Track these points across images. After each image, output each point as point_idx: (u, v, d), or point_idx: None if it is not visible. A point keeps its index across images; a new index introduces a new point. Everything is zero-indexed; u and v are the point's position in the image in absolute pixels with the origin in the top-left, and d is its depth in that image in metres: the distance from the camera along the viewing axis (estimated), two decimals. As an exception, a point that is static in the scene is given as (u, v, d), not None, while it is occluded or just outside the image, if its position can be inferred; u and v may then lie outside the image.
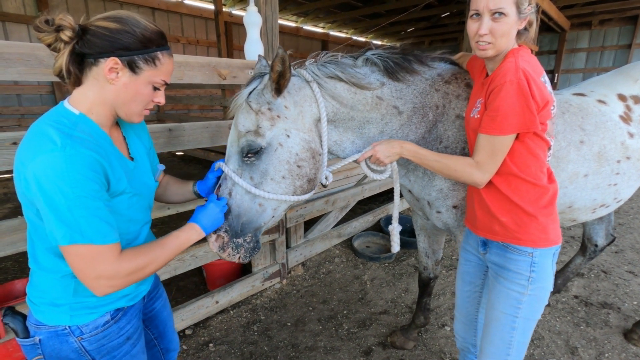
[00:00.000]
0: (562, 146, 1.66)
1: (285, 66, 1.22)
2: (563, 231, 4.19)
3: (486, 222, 1.30)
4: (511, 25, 1.15)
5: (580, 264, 2.72)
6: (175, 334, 1.52)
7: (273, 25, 2.55)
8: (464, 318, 1.59)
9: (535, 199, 1.22)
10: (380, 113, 1.46)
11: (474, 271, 1.49)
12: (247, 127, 1.30)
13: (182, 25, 8.79)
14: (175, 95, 8.35)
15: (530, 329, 1.30)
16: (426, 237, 2.16)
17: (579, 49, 10.63)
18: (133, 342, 1.16)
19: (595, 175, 1.74)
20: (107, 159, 0.98)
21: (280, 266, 3.07)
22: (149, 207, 1.23)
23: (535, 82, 1.12)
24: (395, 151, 1.33)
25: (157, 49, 1.02)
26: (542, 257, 1.24)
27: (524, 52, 1.20)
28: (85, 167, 0.90)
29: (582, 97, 1.89)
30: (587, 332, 2.51)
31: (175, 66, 1.94)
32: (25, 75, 1.50)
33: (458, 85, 1.52)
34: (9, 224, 1.60)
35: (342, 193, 3.59)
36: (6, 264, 3.35)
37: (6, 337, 1.66)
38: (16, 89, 6.57)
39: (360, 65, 1.44)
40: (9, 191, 5.51)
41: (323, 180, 1.46)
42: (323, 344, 2.40)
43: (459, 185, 1.55)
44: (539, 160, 1.22)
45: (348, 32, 12.44)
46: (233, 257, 1.31)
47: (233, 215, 1.31)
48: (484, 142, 1.19)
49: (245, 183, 1.29)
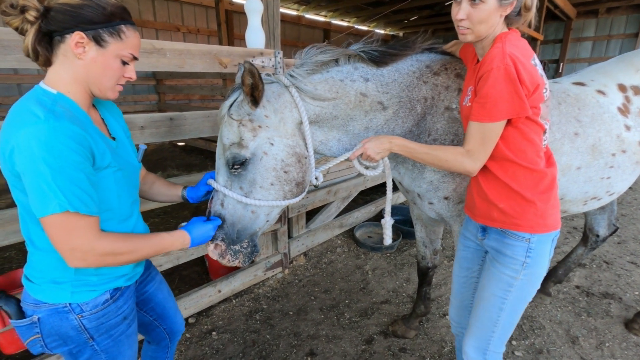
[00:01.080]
0: (556, 138, 1.64)
1: (255, 78, 1.22)
2: (565, 221, 4.19)
3: (485, 209, 1.30)
4: (490, 11, 1.14)
5: (581, 255, 2.72)
6: (179, 316, 1.56)
7: (274, 12, 2.51)
8: (459, 303, 1.60)
9: (534, 184, 1.22)
10: (363, 110, 1.45)
11: (471, 257, 1.50)
12: (230, 139, 1.32)
13: (182, 14, 8.67)
14: (176, 85, 8.28)
15: (518, 311, 1.33)
16: (423, 227, 2.16)
17: (585, 37, 10.45)
18: (129, 323, 1.21)
19: (588, 168, 1.72)
20: (90, 134, 1.01)
21: (283, 256, 3.08)
22: (135, 186, 1.25)
23: (524, 66, 1.11)
24: (385, 147, 1.33)
25: (121, 22, 1.03)
26: (539, 243, 1.24)
27: (512, 36, 1.18)
28: (68, 139, 0.92)
29: (581, 86, 1.85)
30: (588, 321, 2.52)
31: (175, 54, 1.93)
32: (24, 62, 1.48)
33: (447, 77, 1.50)
34: (12, 212, 1.60)
35: (344, 183, 3.58)
36: (10, 253, 3.38)
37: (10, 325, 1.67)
38: (16, 78, 6.52)
39: (343, 64, 1.43)
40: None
41: (313, 180, 1.47)
42: (325, 333, 2.42)
43: (449, 176, 1.54)
44: (535, 144, 1.21)
45: (350, 21, 12.26)
46: (233, 262, 1.38)
47: (228, 224, 1.35)
48: (475, 129, 1.19)
49: (236, 194, 1.32)
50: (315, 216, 3.61)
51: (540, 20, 7.12)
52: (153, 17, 8.17)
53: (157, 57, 1.86)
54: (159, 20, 8.25)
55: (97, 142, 1.03)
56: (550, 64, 10.87)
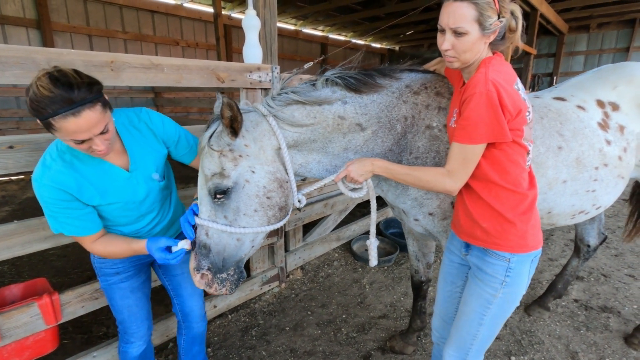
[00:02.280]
0: (540, 152, 1.66)
1: (234, 111, 1.25)
2: (562, 234, 4.18)
3: (469, 227, 1.33)
4: (473, 42, 1.18)
5: (576, 266, 2.72)
6: (194, 302, 1.78)
7: (272, 28, 2.55)
8: (442, 315, 1.63)
9: (514, 206, 1.25)
10: (341, 132, 1.47)
11: (456, 272, 1.52)
12: (212, 170, 1.33)
13: (182, 28, 8.79)
14: (174, 97, 8.34)
15: (497, 326, 1.38)
16: (414, 241, 2.16)
17: (577, 52, 10.67)
18: (121, 278, 1.58)
19: (574, 182, 1.75)
20: (84, 178, 1.32)
21: (279, 270, 3.05)
22: (137, 210, 1.50)
23: (507, 91, 1.15)
24: (367, 169, 1.36)
25: (48, 116, 1.07)
26: (518, 263, 1.27)
27: (496, 62, 1.23)
28: (49, 182, 1.25)
29: (562, 101, 1.89)
30: (587, 336, 2.50)
31: (173, 69, 1.95)
32: (22, 78, 1.50)
33: (428, 95, 1.52)
34: (5, 228, 1.58)
35: (341, 196, 3.58)
36: (3, 268, 3.33)
37: (0, 343, 1.64)
38: (15, 91, 6.55)
39: (321, 88, 1.47)
40: (6, 194, 5.49)
41: (296, 203, 1.49)
42: (322, 349, 2.38)
43: (433, 193, 1.56)
44: (519, 166, 1.25)
45: (347, 35, 12.48)
46: (220, 291, 1.40)
47: (213, 253, 1.37)
48: (456, 150, 1.23)
49: (220, 225, 1.34)
50: (312, 229, 3.60)
51: (534, 35, 7.27)
52: (152, 31, 8.28)
53: (155, 73, 1.88)
54: (158, 35, 8.36)
55: (83, 185, 1.31)
56: (544, 77, 11.05)
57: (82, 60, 1.62)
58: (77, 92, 1.09)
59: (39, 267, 3.40)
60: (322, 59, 4.87)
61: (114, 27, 7.68)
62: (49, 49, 1.56)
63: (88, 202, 1.33)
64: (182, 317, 1.81)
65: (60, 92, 1.06)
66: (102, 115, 1.17)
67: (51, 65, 1.53)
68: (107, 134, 1.22)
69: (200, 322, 1.84)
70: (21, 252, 1.64)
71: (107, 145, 1.24)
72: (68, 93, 1.07)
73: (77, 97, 1.09)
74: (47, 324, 1.76)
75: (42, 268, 3.38)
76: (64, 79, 1.08)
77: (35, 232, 1.66)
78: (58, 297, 1.78)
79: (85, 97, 1.11)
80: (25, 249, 1.65)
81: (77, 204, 1.31)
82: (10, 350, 1.70)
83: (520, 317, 2.68)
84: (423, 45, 13.54)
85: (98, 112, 1.15)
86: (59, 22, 6.86)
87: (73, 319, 1.88)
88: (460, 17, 1.15)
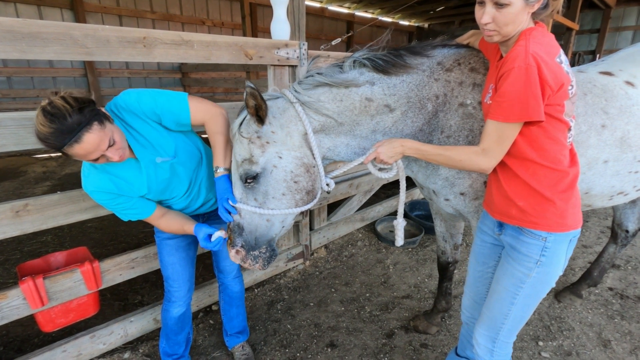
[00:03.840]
0: (582, 130, 1.56)
1: (257, 99, 1.28)
2: (598, 220, 4.00)
3: (503, 206, 1.29)
4: (517, 13, 1.10)
5: (613, 253, 2.59)
6: (227, 265, 1.95)
7: (300, 3, 2.49)
8: (473, 295, 1.61)
9: (554, 183, 1.19)
10: (369, 114, 1.44)
11: (488, 252, 1.49)
12: (242, 156, 1.40)
13: (208, 8, 8.77)
14: (200, 78, 8.43)
15: (530, 306, 1.34)
16: (442, 222, 2.12)
17: (625, 27, 9.84)
18: (169, 236, 1.74)
19: (616, 162, 1.65)
20: (118, 177, 1.46)
21: (304, 248, 3.10)
22: (166, 182, 1.58)
23: (548, 65, 1.07)
24: (397, 151, 1.33)
25: (59, 147, 1.19)
26: (555, 242, 1.22)
27: (538, 33, 1.14)
28: (93, 185, 1.44)
29: (608, 76, 1.76)
30: (621, 325, 2.41)
31: (203, 46, 1.96)
32: (61, 54, 1.54)
33: (461, 72, 1.45)
34: (50, 198, 1.68)
35: (366, 177, 3.55)
36: (46, 238, 3.57)
37: (48, 305, 1.77)
38: (52, 71, 6.82)
39: (348, 70, 1.44)
40: (47, 170, 5.81)
41: (324, 187, 1.51)
42: (345, 325, 2.43)
43: (465, 172, 1.51)
44: (559, 143, 1.18)
45: (374, 12, 12.04)
46: (253, 266, 1.50)
47: (246, 232, 1.46)
48: (491, 128, 1.17)
49: (251, 207, 1.42)
50: (336, 209, 3.61)
51: (577, 8, 6.75)
52: (179, 11, 8.32)
53: (185, 49, 1.89)
54: (185, 14, 8.40)
55: (120, 184, 1.46)
56: (585, 56, 10.33)
57: (116, 36, 1.65)
58: (71, 119, 1.17)
59: (78, 238, 3.62)
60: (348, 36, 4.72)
61: (143, 7, 7.77)
62: (85, 24, 1.60)
63: (132, 194, 1.49)
64: (217, 274, 2.00)
65: (57, 125, 1.16)
66: (101, 133, 1.24)
67: (87, 41, 1.57)
68: (115, 145, 1.30)
69: (233, 280, 1.99)
70: (64, 221, 1.75)
71: (120, 153, 1.33)
72: (64, 124, 1.17)
73: (72, 124, 1.18)
74: (89, 289, 1.88)
75: (81, 239, 3.59)
76: (57, 112, 1.16)
77: (76, 203, 1.75)
78: (98, 264, 1.89)
79: (80, 121, 1.19)
80: (67, 218, 1.75)
81: (122, 198, 1.48)
82: (57, 311, 1.83)
83: (550, 303, 2.61)
84: (454, 22, 12.89)
85: (96, 131, 1.22)
86: (90, 2, 7.01)
87: (110, 287, 2.00)
88: None
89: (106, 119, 1.30)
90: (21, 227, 1.64)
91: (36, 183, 5.12)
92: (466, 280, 1.64)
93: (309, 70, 1.47)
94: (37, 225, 1.67)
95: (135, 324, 2.19)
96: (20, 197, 1.73)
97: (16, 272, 2.01)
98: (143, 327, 2.23)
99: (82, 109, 1.21)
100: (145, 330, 2.25)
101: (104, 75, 7.48)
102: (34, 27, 1.46)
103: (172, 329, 1.85)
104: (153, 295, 2.73)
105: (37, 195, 2.93)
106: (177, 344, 1.90)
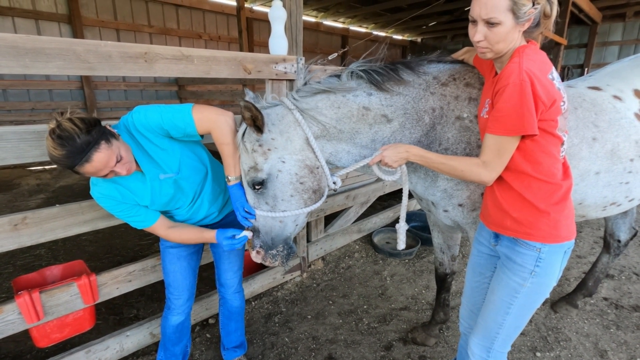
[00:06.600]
0: (574, 143, 1.62)
1: (252, 111, 1.33)
2: (592, 231, 4.05)
3: (498, 218, 1.32)
4: (507, 32, 1.15)
5: (607, 263, 2.63)
6: (229, 276, 1.94)
7: (297, 19, 2.56)
8: (470, 305, 1.63)
9: (547, 196, 1.23)
10: (367, 123, 1.49)
11: (485, 263, 1.51)
12: (248, 164, 1.47)
13: (205, 22, 8.90)
14: (197, 90, 8.49)
15: (525, 316, 1.36)
16: (440, 233, 2.15)
17: (612, 42, 10.14)
18: (172, 244, 1.76)
19: (608, 173, 1.70)
20: (125, 188, 1.52)
21: (301, 260, 3.10)
22: (169, 196, 1.62)
23: (541, 82, 1.12)
24: (402, 156, 1.36)
25: (70, 166, 1.26)
26: (550, 253, 1.25)
27: (530, 50, 1.19)
28: (99, 193, 1.50)
29: (597, 91, 1.82)
30: (617, 335, 2.43)
31: (203, 61, 2.00)
32: (64, 69, 1.56)
33: (457, 87, 1.50)
34: (49, 211, 1.68)
35: (363, 188, 3.58)
36: (40, 251, 3.52)
37: (44, 319, 1.74)
38: (48, 84, 6.84)
39: (345, 80, 1.49)
40: (40, 182, 5.76)
41: (331, 185, 1.56)
42: (343, 337, 2.41)
43: (463, 184, 1.54)
44: (552, 157, 1.22)
45: (368, 27, 12.30)
46: (274, 263, 1.58)
47: (262, 234, 1.54)
48: (491, 141, 1.21)
49: (263, 212, 1.50)
50: (333, 221, 3.62)
51: (564, 24, 6.96)
52: (177, 25, 8.43)
53: (186, 64, 1.93)
54: (182, 28, 8.51)
55: (125, 193, 1.52)
56: (574, 69, 10.59)
57: (118, 51, 1.68)
58: (80, 141, 1.22)
59: (73, 251, 3.58)
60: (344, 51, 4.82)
61: (140, 22, 7.86)
62: (88, 40, 1.62)
63: (134, 204, 1.55)
64: (218, 287, 2.02)
65: (69, 148, 1.22)
66: (109, 151, 1.29)
67: (89, 56, 1.60)
68: (122, 160, 1.35)
69: (234, 294, 1.99)
70: (63, 234, 1.74)
71: (127, 167, 1.38)
72: (74, 147, 1.22)
73: (82, 145, 1.23)
74: (86, 303, 1.86)
75: (76, 252, 3.55)
76: (66, 135, 1.21)
77: (75, 216, 1.75)
78: (95, 278, 1.88)
79: (89, 142, 1.24)
80: (66, 231, 1.74)
81: (125, 206, 1.53)
82: (52, 326, 1.81)
83: (546, 314, 2.63)
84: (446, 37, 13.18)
85: (104, 149, 1.28)
86: (88, 16, 7.09)
87: (105, 300, 1.98)
88: (492, 7, 1.12)
89: (112, 136, 1.33)
90: (19, 240, 1.63)
91: (30, 195, 5.07)
92: (464, 290, 1.66)
93: (307, 81, 1.53)
94: (35, 238, 1.67)
95: (132, 339, 2.16)
96: (14, 210, 1.74)
97: (10, 286, 1.98)
98: (139, 342, 2.20)
99: (89, 130, 1.26)
100: (141, 345, 2.22)
101: (101, 87, 7.51)
102: (37, 42, 1.48)
103: (170, 338, 1.84)
104: (149, 309, 2.70)
105: (31, 207, 2.91)
106: (174, 356, 1.89)
